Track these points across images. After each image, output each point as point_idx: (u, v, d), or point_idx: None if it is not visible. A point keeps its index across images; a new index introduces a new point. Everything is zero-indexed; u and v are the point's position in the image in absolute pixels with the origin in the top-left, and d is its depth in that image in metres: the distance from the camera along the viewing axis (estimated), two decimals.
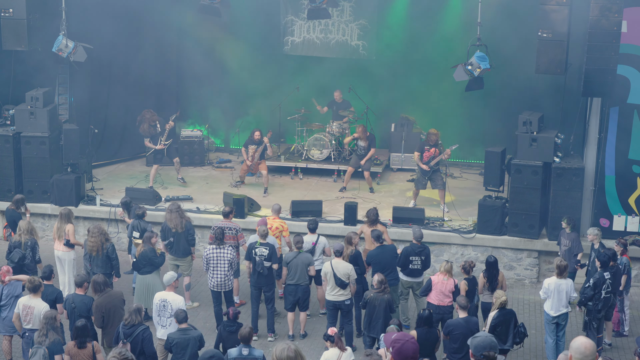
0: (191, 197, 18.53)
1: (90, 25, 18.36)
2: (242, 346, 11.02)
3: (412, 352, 9.00)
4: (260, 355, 11.03)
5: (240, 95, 21.66)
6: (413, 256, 14.20)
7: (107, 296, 12.35)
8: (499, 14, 17.75)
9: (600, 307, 13.27)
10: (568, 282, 13.16)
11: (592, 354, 7.07)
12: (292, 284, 14.00)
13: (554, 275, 13.14)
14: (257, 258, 14.03)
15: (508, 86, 19.13)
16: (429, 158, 17.66)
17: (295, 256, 13.99)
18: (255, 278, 14.17)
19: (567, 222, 15.02)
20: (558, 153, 16.36)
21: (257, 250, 14.06)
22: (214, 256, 14.05)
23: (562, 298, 13.09)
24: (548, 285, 13.13)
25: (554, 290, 13.07)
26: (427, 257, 14.31)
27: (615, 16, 14.83)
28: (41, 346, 11.31)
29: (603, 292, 13.25)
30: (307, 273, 13.96)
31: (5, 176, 18.10)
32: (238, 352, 11.00)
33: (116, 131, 20.96)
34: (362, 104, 20.37)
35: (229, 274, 14.11)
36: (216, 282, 14.12)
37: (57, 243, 15.15)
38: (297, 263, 13.92)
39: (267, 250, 14.03)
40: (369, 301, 12.73)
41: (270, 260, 14.05)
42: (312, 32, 21.27)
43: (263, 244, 14.12)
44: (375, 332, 12.57)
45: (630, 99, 15.96)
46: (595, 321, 13.32)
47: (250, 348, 11.01)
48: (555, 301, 13.10)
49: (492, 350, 9.01)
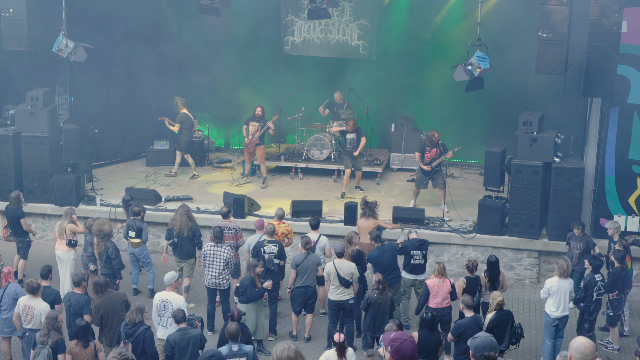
0: (191, 197, 18.54)
1: (90, 25, 18.37)
2: (231, 343, 11.03)
3: (410, 350, 8.99)
4: (250, 350, 11.04)
5: (240, 95, 21.66)
6: (414, 250, 14.22)
7: (107, 297, 12.35)
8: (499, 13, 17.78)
9: (592, 310, 13.25)
10: (570, 282, 13.16)
11: (592, 354, 7.08)
12: (301, 287, 13.91)
13: (556, 275, 13.12)
14: (267, 255, 14.00)
15: (508, 86, 19.12)
16: (430, 159, 17.67)
17: (305, 257, 13.92)
18: (264, 276, 14.05)
19: (578, 227, 14.94)
20: (558, 153, 16.36)
21: (265, 248, 14.05)
22: (211, 253, 14.06)
23: (566, 298, 13.09)
24: (550, 285, 13.10)
25: (556, 291, 13.05)
26: (427, 251, 14.40)
27: (615, 16, 14.83)
28: (44, 346, 11.31)
29: (595, 295, 13.22)
30: (315, 273, 13.95)
31: (5, 176, 18.09)
32: (228, 349, 11.01)
33: (116, 131, 20.96)
34: (362, 104, 20.38)
35: (225, 272, 14.08)
36: (210, 279, 14.12)
37: (58, 243, 15.16)
38: (307, 264, 13.87)
39: (276, 247, 14.06)
40: (374, 302, 12.69)
41: (280, 257, 14.04)
42: (313, 32, 21.28)
43: (272, 242, 14.13)
44: (381, 332, 12.54)
45: (630, 99, 15.96)
46: (587, 322, 13.31)
47: (239, 344, 11.02)
48: (557, 301, 13.09)
49: (492, 351, 9.02)
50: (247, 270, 13.40)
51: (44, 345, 11.32)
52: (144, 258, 15.57)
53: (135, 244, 15.36)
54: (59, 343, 11.39)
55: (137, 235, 15.31)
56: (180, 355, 11.39)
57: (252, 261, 13.46)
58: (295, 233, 15.53)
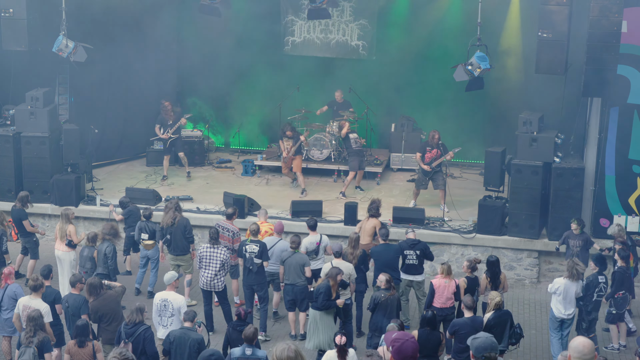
0: (191, 197, 18.54)
1: (90, 25, 18.37)
2: (245, 346, 10.97)
3: (411, 351, 8.97)
4: (263, 356, 10.98)
5: (240, 95, 21.66)
6: (407, 250, 14.21)
7: (102, 299, 12.36)
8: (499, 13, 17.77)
9: (590, 309, 13.26)
10: (579, 284, 13.14)
11: (591, 353, 7.08)
12: (288, 284, 14.02)
13: (566, 277, 13.05)
14: (247, 255, 14.01)
15: (508, 86, 19.12)
16: (431, 159, 17.66)
17: (290, 256, 13.98)
18: (245, 276, 14.15)
19: (577, 224, 14.96)
20: (558, 153, 16.36)
21: (247, 247, 14.05)
22: (207, 255, 14.06)
23: (572, 300, 13.08)
24: (558, 285, 13.08)
25: (562, 292, 13.05)
26: (422, 251, 14.28)
27: (615, 16, 14.83)
28: (29, 346, 11.28)
29: (595, 295, 13.23)
30: (302, 274, 13.94)
31: (5, 176, 18.10)
32: (241, 351, 10.96)
33: (116, 131, 20.96)
34: (362, 104, 20.37)
35: (220, 274, 14.06)
36: (205, 281, 14.12)
37: (58, 243, 15.16)
38: (291, 263, 13.92)
39: (257, 247, 14.00)
40: (382, 303, 12.65)
41: (260, 257, 14.01)
42: (313, 32, 21.28)
43: (254, 241, 14.10)
44: None
45: (630, 99, 15.96)
46: (585, 322, 13.31)
47: (253, 348, 10.95)
48: (562, 301, 13.08)
49: (493, 351, 9.00)
50: (326, 277, 12.97)
51: (29, 345, 11.29)
52: (156, 260, 15.59)
53: (149, 245, 15.39)
54: (44, 342, 11.37)
55: (151, 237, 15.33)
56: (177, 354, 11.36)
57: (334, 269, 13.00)
58: (292, 233, 15.48)
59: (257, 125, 21.91)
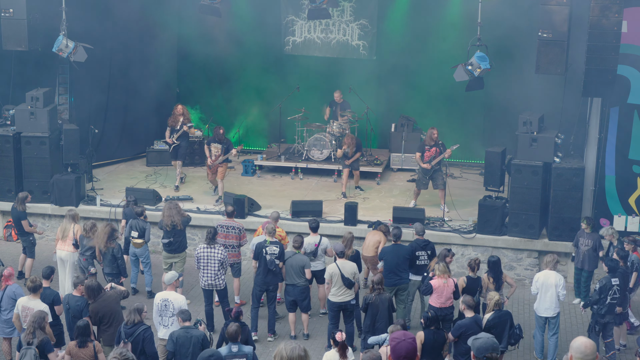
0: (191, 197, 18.54)
1: (90, 25, 18.36)
2: (231, 344, 11.02)
3: (405, 351, 8.90)
4: (249, 351, 11.03)
5: (240, 95, 21.67)
6: (419, 251, 14.24)
7: (101, 301, 12.34)
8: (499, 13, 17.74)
9: (604, 312, 13.19)
10: (558, 277, 13.16)
11: (592, 354, 7.08)
12: (289, 284, 14.03)
13: (545, 268, 13.25)
14: (269, 257, 13.99)
15: (508, 86, 19.10)
16: (430, 158, 17.67)
17: (291, 256, 13.99)
18: (262, 277, 14.08)
19: (587, 223, 15.03)
20: (558, 153, 16.37)
21: (267, 249, 14.02)
22: (205, 255, 14.06)
23: (552, 295, 13.10)
24: (537, 279, 13.23)
25: (541, 286, 13.13)
26: (432, 251, 14.36)
27: (615, 16, 14.82)
28: (30, 347, 11.27)
29: (609, 298, 13.17)
30: (302, 275, 13.94)
31: (5, 176, 18.10)
32: (228, 350, 11.00)
33: (116, 131, 20.96)
34: (362, 104, 20.37)
35: (220, 273, 14.08)
36: (207, 281, 14.13)
37: (60, 243, 15.13)
38: (290, 263, 13.92)
39: (277, 249, 14.04)
40: (371, 303, 12.71)
41: (279, 258, 14.05)
42: (313, 32, 21.27)
43: (273, 242, 14.11)
44: (380, 332, 12.55)
45: (630, 99, 15.97)
46: (599, 325, 13.28)
47: (239, 345, 11.01)
48: (542, 298, 13.17)
49: (494, 352, 8.99)
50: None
51: (30, 345, 11.29)
52: (144, 259, 15.57)
53: (138, 244, 15.39)
54: (45, 342, 11.36)
55: (140, 236, 15.33)
56: (182, 354, 11.39)
57: (444, 250, 13.45)
58: (294, 233, 15.49)
59: (257, 125, 21.91)
